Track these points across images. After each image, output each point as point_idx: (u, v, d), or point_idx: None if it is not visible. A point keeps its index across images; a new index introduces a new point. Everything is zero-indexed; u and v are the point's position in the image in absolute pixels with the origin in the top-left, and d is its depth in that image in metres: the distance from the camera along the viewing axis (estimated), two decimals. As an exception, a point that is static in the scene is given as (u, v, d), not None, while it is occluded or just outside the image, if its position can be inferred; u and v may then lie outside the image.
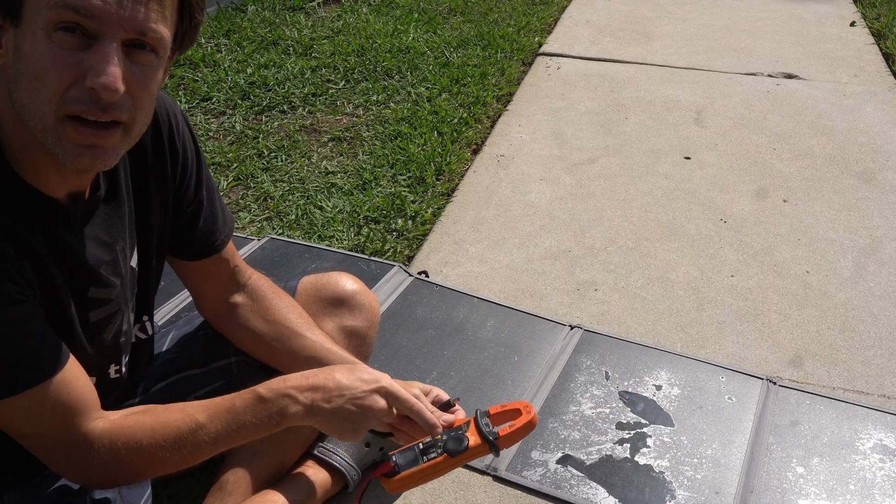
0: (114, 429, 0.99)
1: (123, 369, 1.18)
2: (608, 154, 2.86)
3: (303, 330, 1.30)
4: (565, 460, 1.57)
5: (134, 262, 1.15)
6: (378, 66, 3.50)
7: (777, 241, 2.36)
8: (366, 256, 2.19)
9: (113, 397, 1.22)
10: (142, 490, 1.19)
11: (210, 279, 1.31)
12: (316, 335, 1.31)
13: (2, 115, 0.92)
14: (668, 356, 1.87)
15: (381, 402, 1.08)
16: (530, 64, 3.66)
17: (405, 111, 3.08)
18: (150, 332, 1.27)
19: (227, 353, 1.35)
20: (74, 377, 0.97)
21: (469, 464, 1.56)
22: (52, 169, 0.95)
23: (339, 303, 1.41)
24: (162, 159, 1.14)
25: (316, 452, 1.42)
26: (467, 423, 1.17)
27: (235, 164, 2.70)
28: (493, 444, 1.13)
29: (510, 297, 2.08)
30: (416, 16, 4.15)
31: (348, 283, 1.43)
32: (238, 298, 1.33)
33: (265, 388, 1.04)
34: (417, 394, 1.18)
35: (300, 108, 3.13)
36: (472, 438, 1.14)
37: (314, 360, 1.28)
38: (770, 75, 3.56)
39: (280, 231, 2.33)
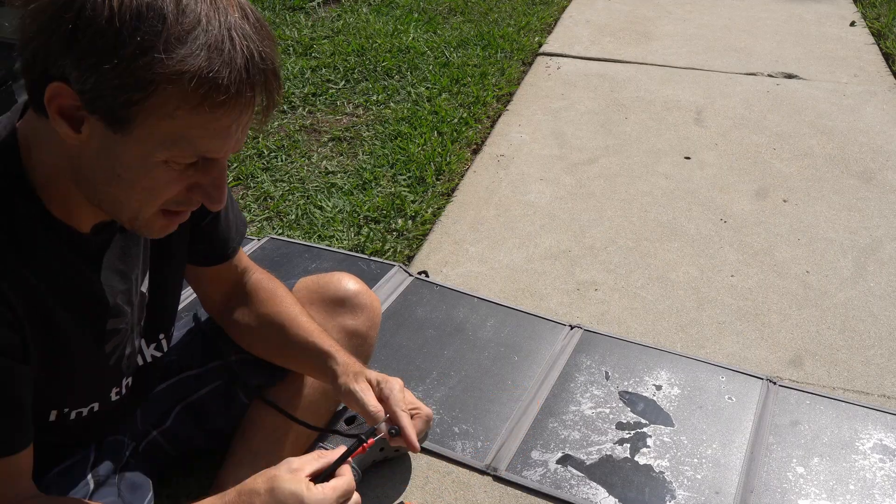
0: None
1: (124, 391, 1.17)
2: (608, 154, 2.86)
3: (292, 320, 1.29)
4: (565, 460, 1.57)
5: (144, 287, 1.14)
6: (378, 66, 3.50)
7: (777, 241, 2.36)
8: (366, 256, 2.19)
9: (115, 416, 1.22)
10: (143, 493, 1.19)
11: (218, 282, 1.31)
12: (302, 326, 1.29)
13: (44, 162, 0.90)
14: (668, 356, 1.87)
15: None
16: (530, 64, 3.66)
17: (405, 111, 3.08)
18: (165, 349, 1.26)
19: (225, 353, 1.35)
20: (26, 463, 0.97)
21: (469, 464, 1.56)
22: (88, 211, 0.95)
23: (340, 303, 1.41)
24: None
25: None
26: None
27: (235, 164, 2.70)
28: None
29: (510, 297, 2.08)
30: (416, 16, 4.15)
31: (350, 283, 1.43)
32: (241, 296, 1.33)
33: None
34: (364, 388, 1.20)
35: (300, 108, 3.13)
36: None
37: (306, 350, 1.28)
38: (770, 75, 3.56)
39: (280, 231, 2.33)
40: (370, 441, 1.07)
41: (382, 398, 1.19)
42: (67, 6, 0.76)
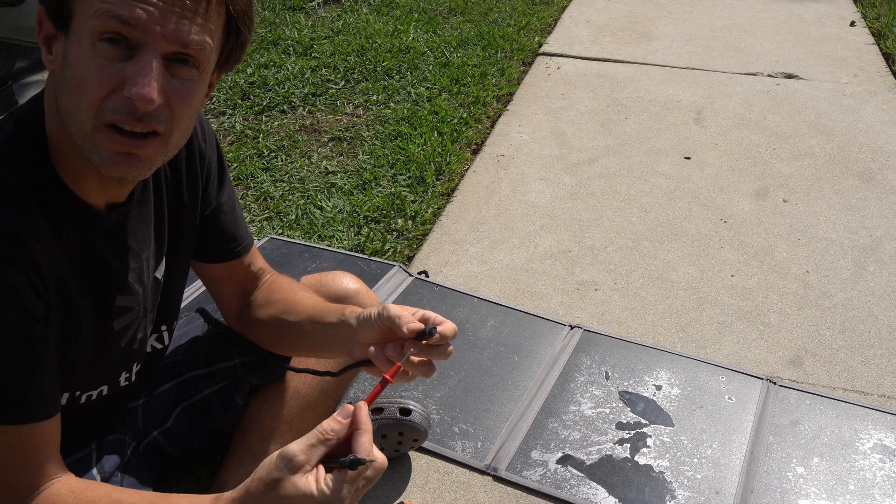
0: (68, 499, 0.95)
1: (133, 377, 1.18)
2: (608, 154, 2.86)
3: (305, 299, 1.26)
4: (565, 460, 1.57)
5: (160, 274, 1.14)
6: (378, 66, 3.50)
7: (777, 241, 2.36)
8: (366, 256, 2.19)
9: (121, 404, 1.22)
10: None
11: (232, 282, 1.30)
12: (313, 297, 1.26)
13: (48, 122, 0.93)
14: (668, 356, 1.87)
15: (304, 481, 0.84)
16: (530, 64, 3.66)
17: (405, 111, 3.08)
18: (166, 342, 1.26)
19: (231, 355, 1.35)
20: (53, 434, 0.96)
21: (469, 464, 1.56)
22: (93, 178, 0.96)
23: (339, 302, 1.40)
24: (192, 165, 1.14)
25: (316, 452, 1.42)
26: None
27: (235, 164, 2.70)
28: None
29: (510, 297, 2.08)
30: (416, 16, 4.15)
31: (350, 282, 1.42)
32: (256, 296, 1.32)
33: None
34: (398, 310, 1.05)
35: (300, 108, 3.13)
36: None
37: (321, 313, 1.21)
38: (770, 75, 3.56)
39: (280, 231, 2.33)
40: (391, 374, 0.96)
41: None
42: None
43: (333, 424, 0.85)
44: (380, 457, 0.84)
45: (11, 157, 0.91)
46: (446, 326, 1.02)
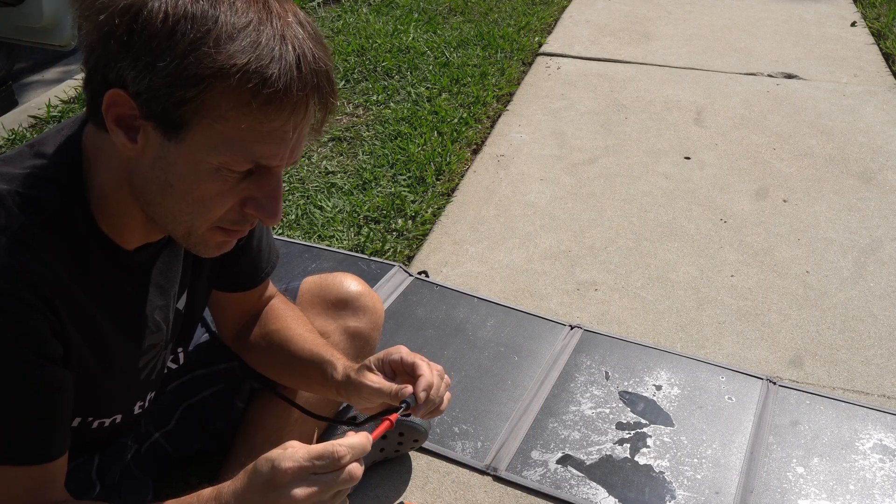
0: None
1: (146, 404, 1.17)
2: (608, 154, 2.86)
3: (298, 336, 1.27)
4: (565, 460, 1.57)
5: (181, 304, 1.13)
6: (378, 66, 3.49)
7: (777, 241, 2.36)
8: (366, 256, 2.19)
9: (127, 430, 1.21)
10: (143, 494, 1.19)
11: (239, 309, 1.29)
12: (307, 340, 1.26)
13: (101, 177, 0.90)
14: (668, 356, 1.87)
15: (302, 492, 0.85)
16: (530, 64, 3.66)
17: (405, 111, 3.08)
18: (181, 362, 1.26)
19: (230, 356, 1.35)
20: (61, 468, 0.95)
21: (469, 464, 1.56)
22: (139, 229, 0.95)
23: (342, 304, 1.40)
24: None
25: (316, 452, 1.42)
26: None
27: (235, 164, 2.70)
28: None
29: (510, 297, 2.08)
30: (416, 16, 4.15)
31: (352, 284, 1.42)
32: (255, 320, 1.31)
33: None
34: (372, 378, 1.11)
35: (300, 108, 3.13)
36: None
37: (311, 362, 1.26)
38: (770, 75, 3.56)
39: (280, 231, 2.33)
40: (394, 416, 1.01)
41: (398, 370, 1.11)
42: (125, 12, 0.78)
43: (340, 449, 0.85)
44: (355, 470, 0.85)
45: (47, 201, 0.88)
46: (423, 380, 1.07)
